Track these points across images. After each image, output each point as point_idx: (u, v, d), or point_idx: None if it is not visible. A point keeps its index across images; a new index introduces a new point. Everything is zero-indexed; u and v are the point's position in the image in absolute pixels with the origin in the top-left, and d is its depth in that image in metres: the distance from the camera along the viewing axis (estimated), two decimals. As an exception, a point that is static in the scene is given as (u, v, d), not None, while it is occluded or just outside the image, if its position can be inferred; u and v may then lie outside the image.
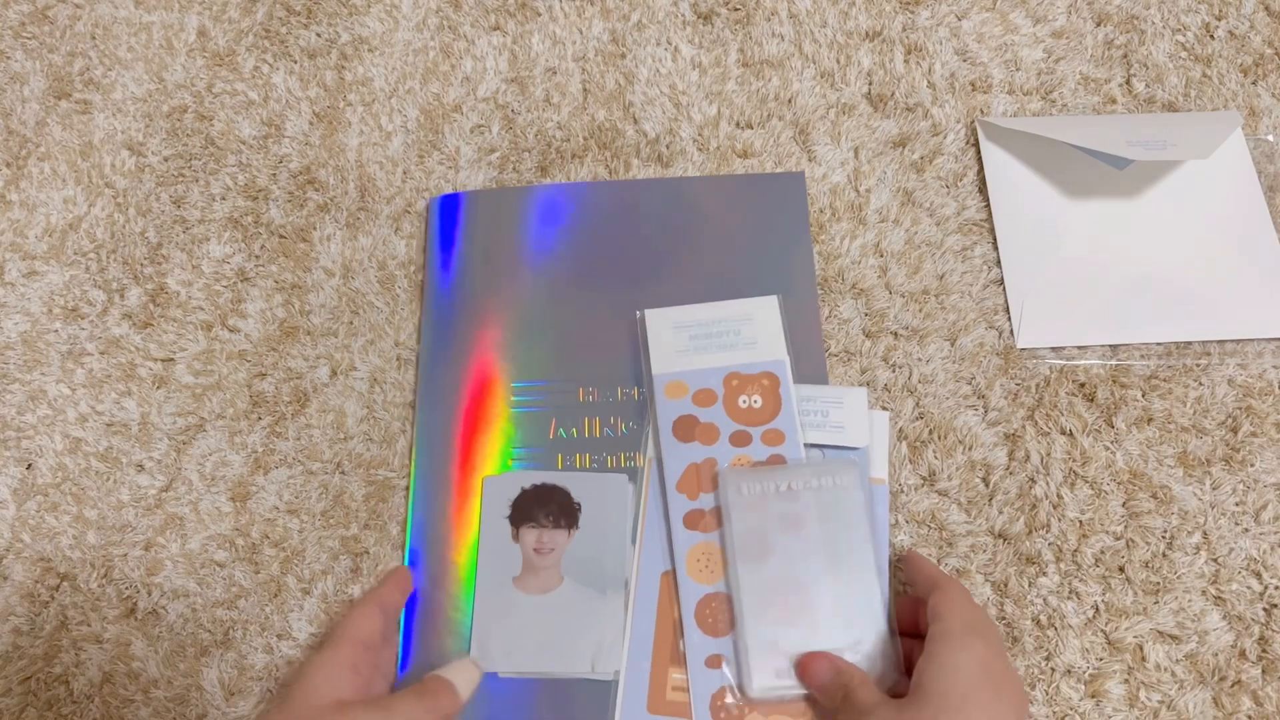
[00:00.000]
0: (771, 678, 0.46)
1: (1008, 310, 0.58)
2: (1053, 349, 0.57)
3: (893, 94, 0.65)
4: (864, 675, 0.44)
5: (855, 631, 0.46)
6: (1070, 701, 0.48)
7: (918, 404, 0.55)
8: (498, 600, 0.51)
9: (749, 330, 0.55)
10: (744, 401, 0.53)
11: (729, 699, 0.47)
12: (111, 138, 0.67)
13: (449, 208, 0.61)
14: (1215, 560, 0.51)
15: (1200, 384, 0.55)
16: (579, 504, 0.52)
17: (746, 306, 0.56)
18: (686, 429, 0.53)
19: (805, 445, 0.52)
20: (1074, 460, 0.53)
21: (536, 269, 0.59)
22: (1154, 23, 0.67)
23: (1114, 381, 0.55)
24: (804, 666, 0.46)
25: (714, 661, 0.48)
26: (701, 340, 0.55)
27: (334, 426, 0.57)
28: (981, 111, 0.64)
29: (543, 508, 0.52)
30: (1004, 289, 0.58)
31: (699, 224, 0.60)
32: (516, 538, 0.52)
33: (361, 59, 0.68)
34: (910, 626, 0.47)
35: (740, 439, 0.52)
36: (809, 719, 0.46)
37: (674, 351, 0.55)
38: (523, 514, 0.52)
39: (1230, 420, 0.54)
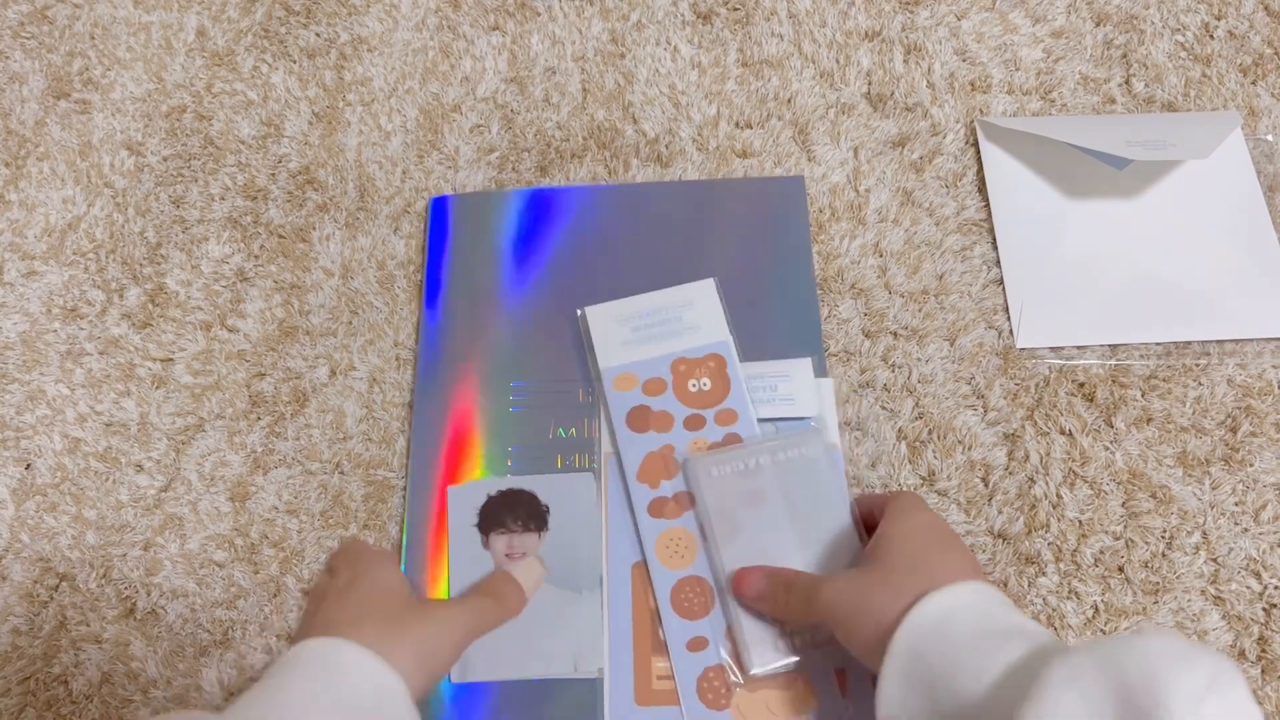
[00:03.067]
0: (770, 653, 0.46)
1: (1007, 310, 0.58)
2: (1052, 349, 0.57)
3: (892, 94, 0.65)
4: (795, 570, 0.47)
5: None
6: (1070, 701, 0.48)
7: (917, 404, 0.55)
8: None
9: (690, 315, 0.56)
10: (694, 385, 0.54)
11: (730, 678, 0.47)
12: (111, 138, 0.67)
13: (444, 209, 0.61)
14: (1215, 560, 0.51)
15: (1200, 384, 0.55)
16: (547, 506, 0.52)
17: (684, 293, 0.56)
18: (640, 419, 0.53)
19: (758, 420, 0.53)
20: (1073, 460, 0.53)
21: (534, 271, 0.59)
22: (1154, 23, 0.67)
23: (1113, 381, 0.55)
24: (738, 584, 0.47)
25: (696, 644, 0.48)
26: (644, 331, 0.55)
27: (333, 426, 0.57)
28: (981, 111, 0.64)
29: (510, 512, 0.52)
30: (1003, 289, 0.58)
31: (698, 227, 0.60)
32: (487, 545, 0.52)
33: (361, 59, 0.68)
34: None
35: (694, 423, 0.53)
36: (797, 690, 0.47)
37: (619, 344, 0.55)
38: (491, 520, 0.52)
39: (1230, 420, 0.54)
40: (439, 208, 0.61)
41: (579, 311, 0.56)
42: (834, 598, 0.42)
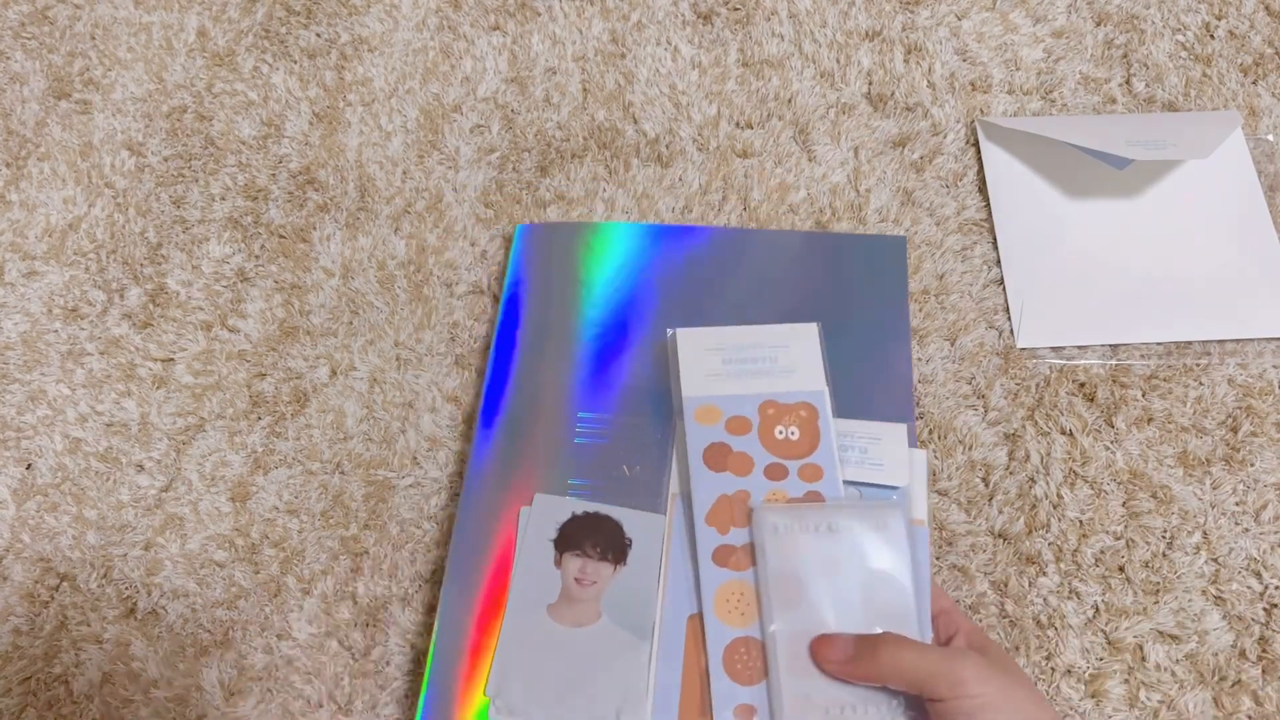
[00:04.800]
0: None
1: (1008, 310, 0.58)
2: (1053, 349, 0.57)
3: (893, 94, 0.65)
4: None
5: None
6: (1070, 701, 0.48)
7: (918, 404, 0.55)
8: (528, 625, 0.47)
9: (786, 358, 0.51)
10: (780, 432, 0.49)
11: None
12: (111, 138, 0.67)
13: (529, 237, 0.59)
14: (1215, 560, 0.51)
15: (1200, 384, 0.55)
16: (630, 539, 0.49)
17: (784, 333, 0.52)
18: (718, 457, 0.49)
19: (843, 483, 0.49)
20: (1074, 460, 0.53)
21: (617, 306, 0.57)
22: (1154, 22, 0.67)
23: (1114, 381, 0.55)
24: (821, 650, 0.43)
25: (744, 712, 0.44)
26: (735, 365, 0.51)
27: (334, 426, 0.57)
28: (981, 111, 0.64)
29: (591, 537, 0.49)
30: (1004, 289, 0.58)
31: (791, 277, 0.57)
32: (559, 563, 0.49)
33: (361, 59, 0.68)
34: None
35: (776, 472, 0.48)
36: None
37: (706, 375, 0.51)
38: (569, 540, 0.49)
39: (1230, 420, 0.54)
40: (524, 236, 0.59)
41: (669, 333, 0.53)
42: (979, 678, 0.39)
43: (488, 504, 0.51)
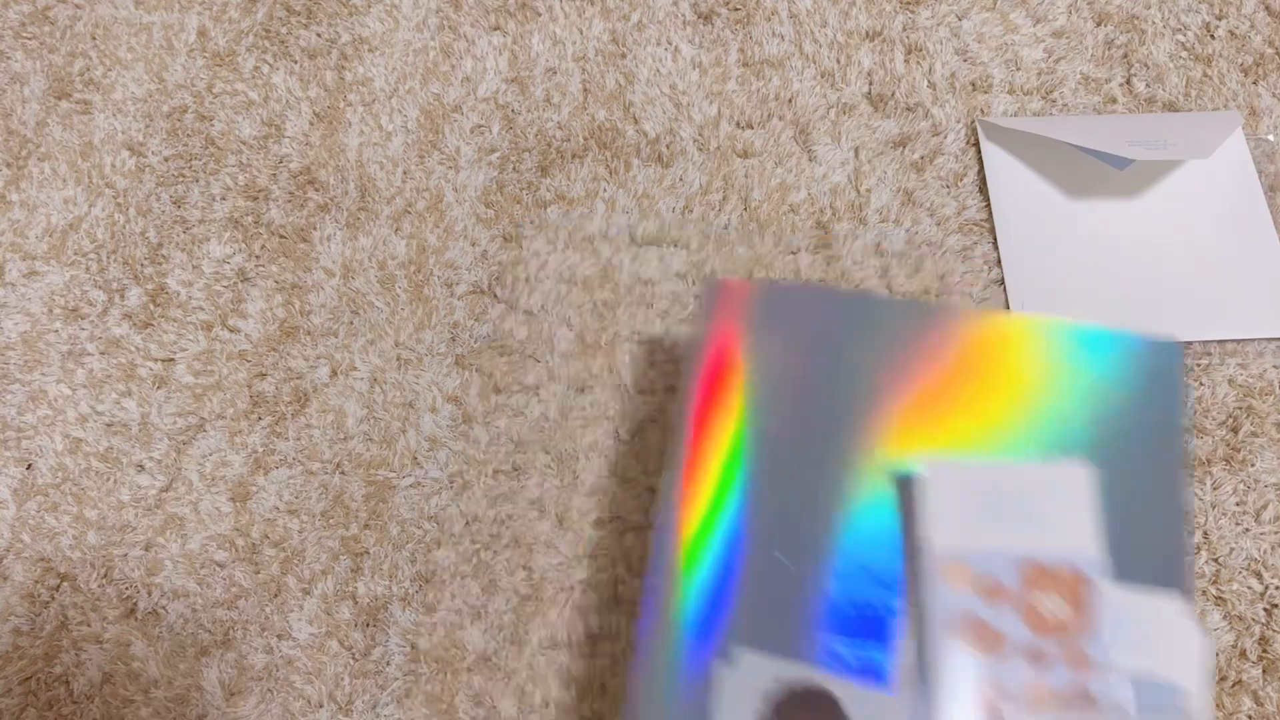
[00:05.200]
0: None
1: (1008, 310, 0.58)
2: (1053, 349, 0.57)
3: (893, 94, 0.65)
4: None
5: None
6: (1070, 702, 0.48)
7: (918, 404, 0.55)
8: None
9: (1047, 505, 0.41)
10: (1044, 604, 0.39)
11: None
12: (111, 138, 0.67)
13: (776, 299, 0.45)
14: (1215, 560, 0.51)
15: (1200, 384, 0.55)
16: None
17: (1047, 473, 0.41)
18: (967, 630, 0.39)
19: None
20: (1074, 460, 0.53)
21: (829, 400, 0.43)
22: (1154, 22, 0.67)
23: (1114, 381, 0.55)
24: None
25: None
26: (988, 511, 0.41)
27: (334, 426, 0.57)
28: (981, 111, 0.64)
29: (805, 718, 0.39)
30: (1004, 289, 0.58)
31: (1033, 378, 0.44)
32: None
33: (361, 59, 0.69)
34: None
35: (1036, 656, 0.38)
36: None
37: (958, 520, 0.40)
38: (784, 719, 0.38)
39: (1230, 420, 0.54)
40: (715, 296, 0.45)
41: (914, 472, 0.41)
42: None
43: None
